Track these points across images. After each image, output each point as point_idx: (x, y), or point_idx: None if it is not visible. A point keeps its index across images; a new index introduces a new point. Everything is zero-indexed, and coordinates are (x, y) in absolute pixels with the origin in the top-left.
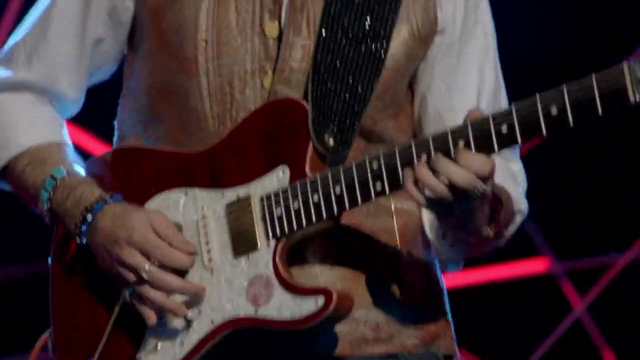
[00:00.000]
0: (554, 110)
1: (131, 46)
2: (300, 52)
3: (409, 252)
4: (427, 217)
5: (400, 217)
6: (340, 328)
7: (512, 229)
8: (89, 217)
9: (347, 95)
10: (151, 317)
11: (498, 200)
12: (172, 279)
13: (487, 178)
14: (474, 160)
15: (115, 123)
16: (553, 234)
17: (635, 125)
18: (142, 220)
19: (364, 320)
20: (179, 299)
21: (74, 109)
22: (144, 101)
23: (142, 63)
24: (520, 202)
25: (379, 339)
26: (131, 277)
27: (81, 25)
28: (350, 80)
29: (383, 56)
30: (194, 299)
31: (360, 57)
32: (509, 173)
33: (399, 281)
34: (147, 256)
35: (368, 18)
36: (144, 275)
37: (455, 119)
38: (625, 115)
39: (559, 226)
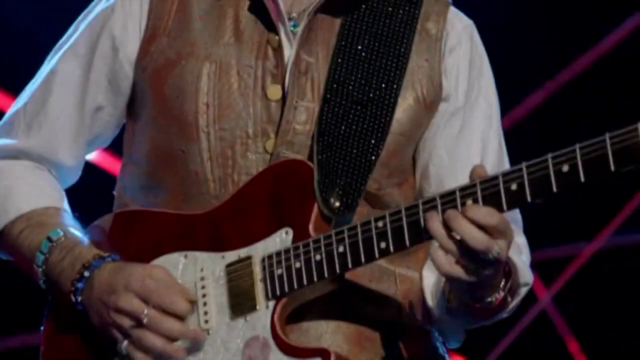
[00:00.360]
0: (565, 168)
1: (131, 115)
2: (304, 114)
3: (413, 319)
4: (428, 286)
5: (403, 283)
6: None
7: (516, 300)
8: (86, 273)
9: (352, 158)
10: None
11: (509, 269)
12: (172, 323)
13: (497, 231)
14: (481, 212)
15: (115, 192)
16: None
17: (600, 115)
18: (139, 269)
19: None
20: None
21: (73, 177)
22: (144, 168)
23: (142, 130)
24: (526, 274)
25: None
26: (128, 323)
27: (81, 93)
28: (356, 144)
29: (388, 121)
30: (192, 350)
31: (366, 121)
32: (515, 244)
33: (403, 348)
34: (146, 301)
35: (374, 84)
36: (143, 319)
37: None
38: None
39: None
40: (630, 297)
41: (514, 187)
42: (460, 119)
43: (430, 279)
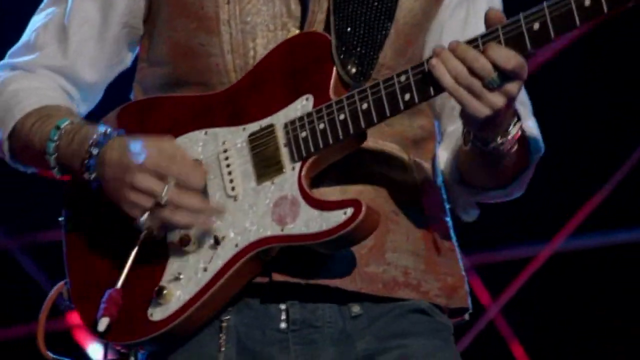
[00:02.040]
0: (587, 2)
1: (149, 21)
2: (325, 4)
3: (428, 203)
4: (442, 162)
5: (418, 170)
6: (373, 269)
7: (528, 172)
8: (95, 150)
9: (366, 33)
10: (176, 240)
11: (518, 116)
12: (192, 199)
13: (513, 73)
14: (500, 51)
15: (132, 95)
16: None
17: (554, 111)
18: (151, 146)
19: (395, 264)
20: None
21: (93, 98)
22: (163, 69)
23: (160, 33)
24: (538, 143)
25: (409, 283)
26: (147, 202)
27: (105, 8)
28: (368, 21)
29: (395, 4)
30: (222, 217)
31: (377, 1)
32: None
33: (423, 226)
34: (162, 178)
35: None
36: (162, 199)
37: None
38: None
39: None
40: (580, 302)
41: (536, 26)
42: (464, 9)
43: (443, 156)
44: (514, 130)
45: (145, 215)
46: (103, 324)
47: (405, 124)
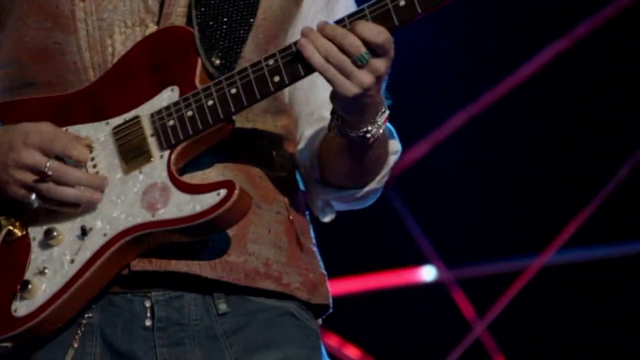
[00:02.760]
0: None
1: None
2: None
3: (294, 200)
4: (303, 162)
5: (282, 169)
6: (234, 259)
7: (386, 170)
8: None
9: (228, 27)
10: (39, 233)
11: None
12: (77, 172)
13: (382, 48)
14: (368, 27)
15: None
16: (441, 241)
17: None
18: (32, 125)
19: (256, 254)
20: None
21: None
22: (12, 72)
23: (9, 35)
24: (395, 144)
25: (270, 275)
26: (32, 177)
27: None
28: (229, 14)
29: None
30: (89, 209)
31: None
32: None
33: (286, 222)
34: (47, 154)
35: None
36: (48, 172)
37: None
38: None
39: (448, 234)
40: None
41: (402, 3)
42: (324, 16)
43: (303, 157)
44: (381, 119)
45: (33, 195)
46: None
47: (269, 123)
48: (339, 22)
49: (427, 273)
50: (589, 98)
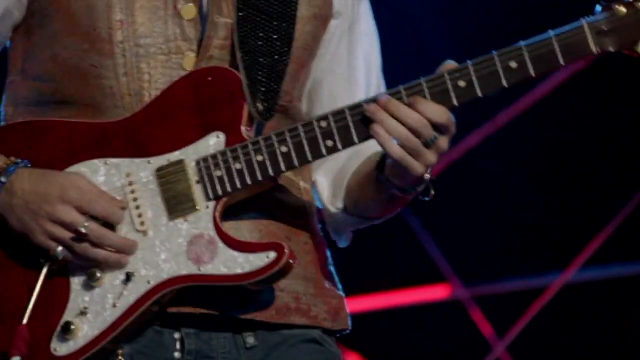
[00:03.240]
0: (513, 64)
1: (24, 31)
2: (224, 30)
3: (315, 228)
4: (323, 190)
5: (307, 194)
6: (265, 297)
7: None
8: (3, 179)
9: (269, 66)
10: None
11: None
12: (112, 235)
13: (445, 128)
14: (431, 107)
15: (3, 109)
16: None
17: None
18: (69, 179)
19: (287, 290)
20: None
21: None
22: (45, 86)
23: (42, 48)
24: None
25: (300, 309)
26: (66, 234)
27: None
28: (270, 53)
29: (292, 32)
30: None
31: (275, 32)
32: None
33: (312, 251)
34: (84, 212)
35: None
36: (84, 231)
37: (348, 100)
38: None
39: (466, 251)
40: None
41: (461, 84)
42: (346, 40)
43: (322, 182)
44: (428, 177)
45: (61, 248)
46: None
47: None
48: (395, 93)
49: (444, 291)
50: (611, 114)
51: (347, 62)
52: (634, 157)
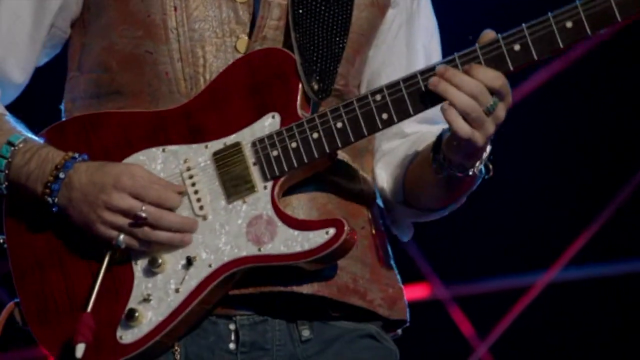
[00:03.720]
0: (568, 24)
1: (81, 25)
2: (277, 10)
3: (373, 216)
4: (383, 182)
5: (365, 183)
6: (327, 273)
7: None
8: (61, 175)
9: (324, 47)
10: (143, 260)
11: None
12: (171, 216)
13: (500, 94)
14: (485, 71)
15: (63, 106)
16: (438, 257)
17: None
18: (123, 168)
19: (346, 269)
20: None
21: (15, 93)
22: (101, 77)
23: (97, 39)
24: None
25: (357, 290)
26: (124, 221)
27: (38, 7)
28: (326, 35)
29: (349, 16)
30: (192, 237)
31: (330, 15)
32: None
33: (369, 237)
34: (139, 198)
35: None
36: (143, 215)
37: None
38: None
39: (445, 250)
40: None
41: (516, 47)
42: (405, 31)
43: (382, 174)
44: (486, 156)
45: (122, 236)
46: (80, 350)
47: None
48: (449, 61)
49: (424, 290)
50: (592, 115)
51: (406, 55)
52: (615, 157)
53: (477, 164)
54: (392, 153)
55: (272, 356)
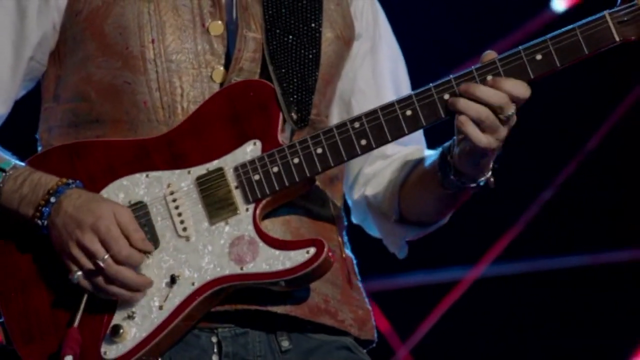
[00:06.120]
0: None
1: (56, 58)
2: (253, 44)
3: (342, 241)
4: (376, 199)
5: (335, 209)
6: (298, 294)
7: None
8: (53, 199)
9: (298, 79)
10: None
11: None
12: (128, 273)
13: (522, 101)
14: (516, 84)
15: (38, 135)
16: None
17: None
18: (108, 210)
19: (317, 291)
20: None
21: None
22: (79, 106)
23: (74, 71)
24: None
25: (329, 310)
26: (86, 262)
27: (17, 39)
28: (299, 67)
29: (318, 50)
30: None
31: (302, 49)
32: None
33: (340, 260)
34: (107, 247)
35: (300, 20)
36: (101, 264)
37: None
38: None
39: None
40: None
41: (538, 57)
42: (370, 60)
43: (377, 197)
44: (491, 165)
45: (80, 273)
46: None
47: None
48: (467, 74)
49: None
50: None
51: (374, 81)
52: (544, 154)
53: (487, 173)
54: (379, 175)
55: None
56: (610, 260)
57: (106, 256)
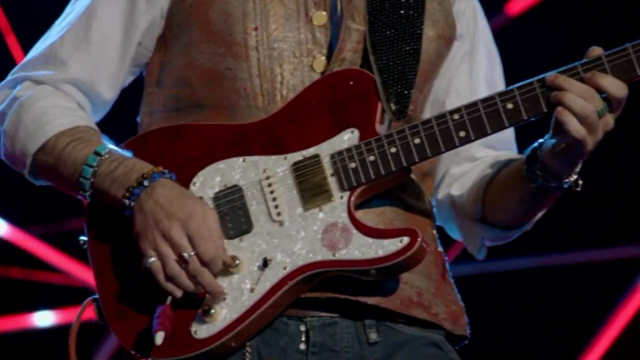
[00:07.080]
0: None
1: (162, 44)
2: (356, 35)
3: (435, 235)
4: (460, 199)
5: (429, 204)
6: (390, 286)
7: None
8: (146, 182)
9: (398, 72)
10: (175, 292)
11: None
12: (207, 275)
13: (619, 104)
14: (612, 80)
15: (139, 119)
16: None
17: None
18: (199, 210)
19: (410, 283)
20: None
21: (104, 111)
22: (181, 91)
23: (178, 57)
24: None
25: (422, 304)
26: (168, 252)
27: (127, 23)
28: (399, 60)
29: (419, 46)
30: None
31: (403, 44)
32: None
33: (435, 253)
34: (193, 244)
35: (402, 15)
36: (186, 257)
37: None
38: None
39: None
40: None
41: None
42: (468, 62)
43: (461, 197)
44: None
45: (154, 259)
46: (160, 337)
47: None
48: (571, 69)
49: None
50: None
51: (469, 84)
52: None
53: (573, 175)
54: (465, 175)
55: (341, 358)
56: (608, 257)
57: (192, 252)
